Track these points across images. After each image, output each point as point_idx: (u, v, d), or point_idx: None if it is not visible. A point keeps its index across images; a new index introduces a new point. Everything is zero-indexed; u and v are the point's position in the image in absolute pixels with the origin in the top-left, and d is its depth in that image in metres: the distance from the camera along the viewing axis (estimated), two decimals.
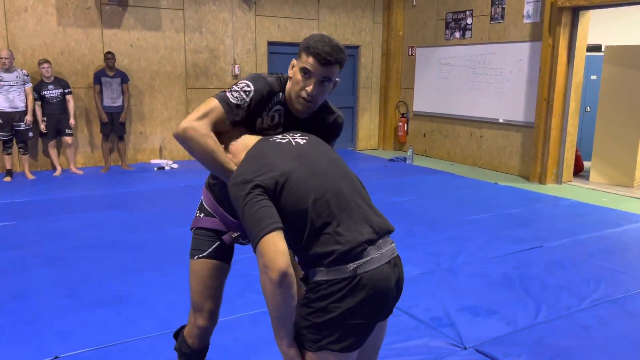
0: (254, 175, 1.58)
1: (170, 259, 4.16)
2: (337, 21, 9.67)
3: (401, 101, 10.21)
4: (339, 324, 1.55)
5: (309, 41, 1.76)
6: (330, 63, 1.74)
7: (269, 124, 1.89)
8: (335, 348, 1.56)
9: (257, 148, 1.73)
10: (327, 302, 1.54)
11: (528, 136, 7.85)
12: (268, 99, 1.85)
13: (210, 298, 2.06)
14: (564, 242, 4.78)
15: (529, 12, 7.69)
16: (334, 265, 1.53)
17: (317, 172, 1.63)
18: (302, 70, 1.76)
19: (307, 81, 1.77)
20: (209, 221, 2.05)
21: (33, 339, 2.94)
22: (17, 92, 6.80)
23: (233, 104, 1.79)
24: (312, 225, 1.56)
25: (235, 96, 1.80)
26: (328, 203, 1.58)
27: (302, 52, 1.77)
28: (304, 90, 1.78)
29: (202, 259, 2.04)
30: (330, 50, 1.73)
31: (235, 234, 2.01)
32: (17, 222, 5.12)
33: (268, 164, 1.61)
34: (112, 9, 7.76)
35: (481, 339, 3.00)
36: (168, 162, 8.13)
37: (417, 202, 6.17)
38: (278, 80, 1.89)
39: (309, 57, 1.74)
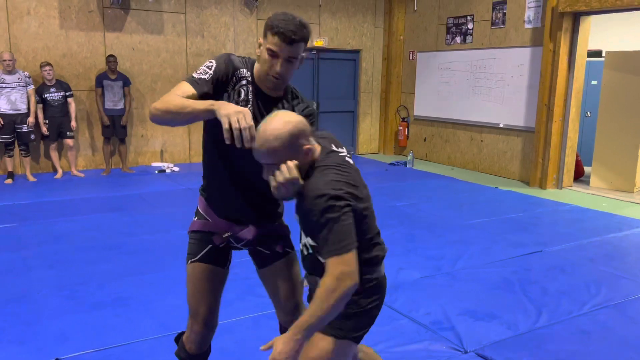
0: (345, 193, 1.67)
1: (170, 261, 4.16)
2: (339, 26, 9.70)
3: (402, 105, 10.22)
4: (362, 316, 1.82)
5: (272, 20, 1.79)
6: (295, 41, 1.77)
7: (235, 98, 1.90)
8: (354, 337, 1.82)
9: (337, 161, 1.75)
10: (358, 297, 1.77)
11: (528, 141, 7.86)
12: (232, 73, 1.89)
13: (204, 303, 2.04)
14: (565, 247, 4.78)
15: (530, 17, 7.71)
16: (374, 266, 1.82)
17: (367, 189, 1.84)
18: (269, 50, 1.79)
19: (274, 60, 1.79)
20: (201, 223, 2.06)
21: (34, 340, 2.94)
22: (19, 94, 6.81)
23: (196, 78, 1.85)
24: (367, 237, 1.79)
25: (199, 72, 1.87)
26: (374, 220, 1.85)
27: (267, 31, 1.79)
28: (272, 69, 1.81)
29: (194, 263, 2.04)
30: (295, 29, 1.76)
31: (226, 234, 2.01)
32: (18, 224, 5.12)
33: (354, 186, 1.73)
34: (114, 12, 7.78)
35: (482, 343, 3.00)
36: (169, 165, 8.14)
37: (418, 206, 6.18)
38: (243, 59, 1.94)
39: (274, 36, 1.77)
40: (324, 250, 1.64)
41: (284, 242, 2.13)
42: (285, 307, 2.16)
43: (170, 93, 1.80)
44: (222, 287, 2.13)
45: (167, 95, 1.79)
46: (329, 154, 1.77)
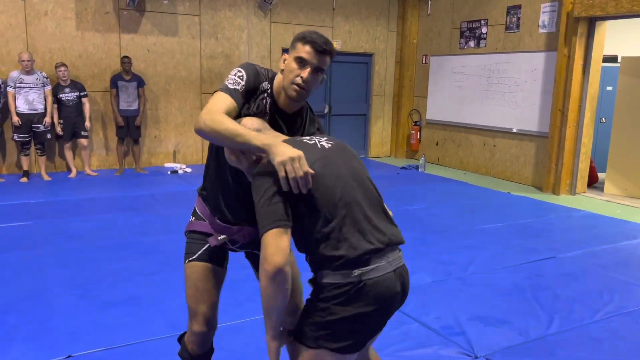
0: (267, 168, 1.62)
1: (181, 261, 4.17)
2: (352, 29, 9.71)
3: (414, 109, 10.20)
4: (339, 325, 1.60)
5: (303, 33, 1.85)
6: (325, 52, 1.82)
7: (254, 110, 1.92)
8: (331, 347, 1.62)
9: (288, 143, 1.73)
10: (329, 303, 1.60)
11: (542, 146, 7.80)
12: (258, 85, 1.91)
13: (203, 302, 2.04)
14: (577, 254, 4.74)
15: (545, 21, 7.66)
16: (340, 270, 1.58)
17: (337, 176, 1.66)
18: (298, 59, 1.82)
19: (303, 69, 1.82)
20: (199, 224, 2.09)
21: (46, 337, 2.97)
22: (36, 94, 6.91)
23: (232, 89, 1.85)
24: (324, 227, 1.59)
25: (231, 82, 1.86)
26: (342, 209, 1.61)
27: (297, 42, 1.84)
28: (299, 77, 1.82)
29: (192, 262, 2.05)
30: (325, 40, 1.83)
31: (221, 237, 2.02)
32: (32, 222, 5.19)
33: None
34: (130, 14, 7.86)
35: (492, 349, 2.99)
36: (181, 166, 8.20)
37: (429, 211, 6.16)
38: (265, 71, 1.96)
39: (306, 45, 1.81)
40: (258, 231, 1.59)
41: None
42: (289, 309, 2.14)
43: (216, 107, 1.76)
44: (220, 286, 2.12)
45: (214, 111, 1.74)
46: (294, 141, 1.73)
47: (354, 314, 1.58)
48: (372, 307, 1.60)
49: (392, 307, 1.67)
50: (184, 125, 8.55)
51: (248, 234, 2.04)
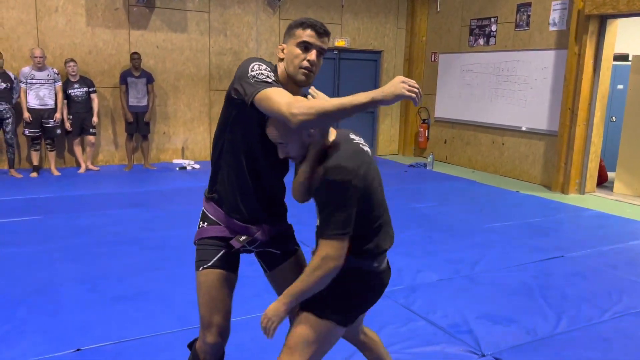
0: (356, 172, 1.72)
1: (190, 257, 4.17)
2: (361, 26, 9.69)
3: (423, 107, 10.17)
4: (348, 302, 1.87)
5: (299, 20, 1.88)
6: (325, 33, 1.87)
7: None
8: (335, 319, 1.85)
9: (350, 145, 1.81)
10: (347, 284, 1.84)
11: (551, 145, 7.76)
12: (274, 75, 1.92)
13: (218, 311, 1.99)
14: (586, 253, 4.71)
15: (555, 19, 7.61)
16: (365, 260, 1.86)
17: (380, 183, 1.89)
18: (302, 43, 1.84)
19: (307, 52, 1.84)
20: (214, 229, 2.02)
21: (56, 331, 3.00)
22: (47, 90, 6.96)
23: (273, 81, 1.79)
24: (368, 225, 1.82)
25: (266, 75, 1.79)
26: (381, 214, 1.88)
27: (296, 29, 1.86)
28: (305, 60, 1.84)
29: (207, 269, 1.99)
30: (321, 24, 1.89)
31: (243, 238, 1.98)
32: (42, 217, 5.23)
33: (365, 165, 1.78)
34: (140, 10, 7.89)
35: (500, 347, 2.98)
36: (190, 162, 8.23)
37: (437, 209, 6.14)
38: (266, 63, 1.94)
39: (307, 29, 1.85)
40: (321, 228, 1.73)
41: (293, 241, 2.16)
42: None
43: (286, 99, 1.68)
44: (233, 293, 2.09)
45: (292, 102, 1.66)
46: (347, 140, 1.84)
47: (365, 295, 1.90)
48: (378, 292, 1.94)
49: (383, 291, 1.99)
50: (193, 121, 8.58)
51: (268, 232, 2.04)
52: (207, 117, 8.66)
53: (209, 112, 8.65)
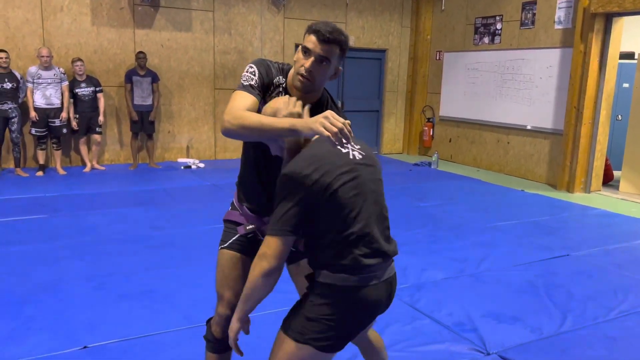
0: (306, 174, 1.63)
1: (195, 255, 4.23)
2: (365, 24, 9.68)
3: (427, 106, 10.16)
4: (328, 324, 1.69)
5: (312, 24, 1.85)
6: (329, 41, 1.77)
7: None
8: (316, 344, 1.69)
9: (318, 148, 1.72)
10: (323, 301, 1.69)
11: (556, 144, 7.74)
12: (269, 79, 1.91)
13: (229, 288, 2.09)
14: (592, 252, 4.70)
15: (561, 18, 7.59)
16: (340, 273, 1.68)
17: (359, 192, 1.71)
18: (303, 49, 1.82)
19: (306, 58, 1.81)
20: (233, 214, 2.15)
21: (63, 328, 3.02)
22: (54, 89, 6.99)
23: (247, 85, 1.86)
24: (336, 236, 1.68)
25: (245, 79, 1.88)
26: (357, 224, 1.69)
27: (306, 33, 1.84)
28: (302, 67, 1.81)
29: (223, 249, 2.12)
30: (331, 30, 1.79)
31: (250, 226, 2.08)
32: (48, 215, 5.26)
33: (324, 169, 1.65)
34: (144, 9, 7.91)
35: (505, 346, 2.98)
36: (195, 161, 8.25)
37: (442, 208, 6.14)
38: (278, 65, 1.96)
39: (310, 35, 1.81)
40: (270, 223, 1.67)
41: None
42: None
43: (235, 105, 1.79)
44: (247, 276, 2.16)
45: (234, 108, 1.77)
46: (318, 144, 1.72)
47: (344, 315, 1.69)
48: (362, 311, 1.72)
49: (377, 312, 1.79)
50: (197, 120, 8.60)
51: None
52: (212, 116, 8.68)
53: (214, 111, 8.67)
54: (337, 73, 1.89)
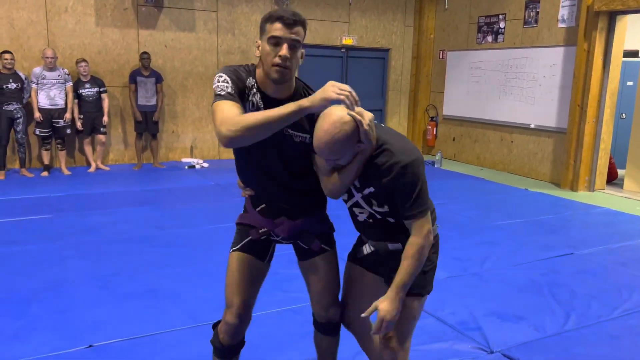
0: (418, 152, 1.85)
1: (199, 255, 4.25)
2: (368, 24, 9.68)
3: (431, 105, 10.16)
4: (434, 270, 2.02)
5: (268, 14, 1.83)
6: (296, 23, 1.78)
7: (250, 108, 1.90)
8: (429, 291, 2.02)
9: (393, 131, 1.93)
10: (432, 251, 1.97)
11: (560, 142, 7.72)
12: (241, 83, 1.87)
13: (238, 293, 2.06)
14: (596, 250, 4.69)
15: (564, 16, 7.57)
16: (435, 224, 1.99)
17: None
18: (272, 39, 1.78)
19: (278, 47, 1.78)
20: (244, 217, 2.13)
21: (68, 328, 3.04)
22: (58, 90, 7.02)
23: (226, 94, 1.82)
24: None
25: (220, 89, 1.82)
26: None
27: (265, 24, 1.81)
28: (276, 57, 1.78)
29: (234, 252, 2.10)
30: (293, 13, 1.79)
31: (262, 230, 2.06)
32: (53, 215, 5.29)
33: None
34: (148, 10, 7.94)
35: (508, 344, 2.98)
36: (199, 161, 8.27)
37: (445, 207, 6.13)
38: (245, 67, 1.93)
39: (275, 23, 1.78)
40: (411, 209, 1.80)
41: (322, 239, 2.12)
42: (321, 302, 2.17)
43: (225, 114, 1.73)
44: (259, 280, 2.14)
45: (226, 117, 1.72)
46: (382, 129, 1.87)
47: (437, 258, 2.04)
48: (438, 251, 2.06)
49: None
50: (201, 120, 8.62)
51: (288, 229, 2.06)
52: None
53: None
54: (302, 56, 1.88)
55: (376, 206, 1.91)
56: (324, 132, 1.73)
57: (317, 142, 1.76)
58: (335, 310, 2.18)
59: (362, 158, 1.82)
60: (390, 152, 1.79)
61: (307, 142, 1.95)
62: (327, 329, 2.23)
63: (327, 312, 2.17)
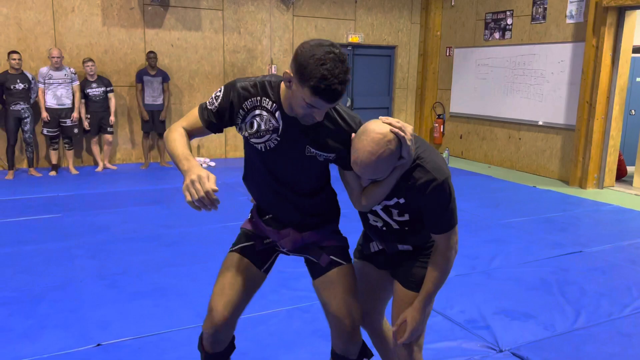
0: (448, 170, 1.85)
1: (207, 253, 4.25)
2: (374, 21, 9.65)
3: (438, 102, 10.12)
4: None
5: (312, 75, 1.54)
6: (338, 97, 1.60)
7: (249, 131, 1.80)
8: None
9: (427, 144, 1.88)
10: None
11: (568, 139, 7.67)
12: (240, 105, 1.78)
13: (222, 296, 1.91)
14: (605, 248, 4.66)
15: (572, 12, 7.51)
16: None
17: None
18: (308, 105, 1.62)
19: (314, 110, 1.64)
20: (248, 223, 2.06)
21: (76, 326, 3.05)
22: (64, 89, 7.05)
23: (204, 106, 1.82)
24: None
25: (210, 100, 1.83)
26: None
27: (305, 86, 1.57)
28: (311, 116, 1.67)
29: (233, 251, 2.01)
30: (341, 89, 1.57)
31: (266, 241, 1.99)
32: (61, 214, 5.31)
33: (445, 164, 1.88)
34: (154, 9, 7.95)
35: (517, 343, 2.96)
36: (205, 160, 8.28)
37: None
38: (263, 83, 1.78)
39: (315, 97, 1.57)
40: (441, 225, 1.81)
41: (335, 253, 1.94)
42: (339, 329, 1.90)
43: (181, 123, 1.84)
44: (252, 289, 1.99)
45: (176, 127, 1.82)
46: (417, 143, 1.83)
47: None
48: None
49: None
50: None
51: (292, 241, 1.95)
52: None
53: None
54: None
55: (396, 216, 1.88)
56: (369, 153, 1.65)
57: (360, 163, 1.68)
58: (354, 344, 1.91)
59: (399, 173, 1.76)
60: (425, 169, 1.76)
61: (331, 159, 1.83)
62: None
63: (346, 344, 1.90)
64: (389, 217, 1.90)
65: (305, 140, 1.78)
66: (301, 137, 1.78)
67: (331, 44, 1.59)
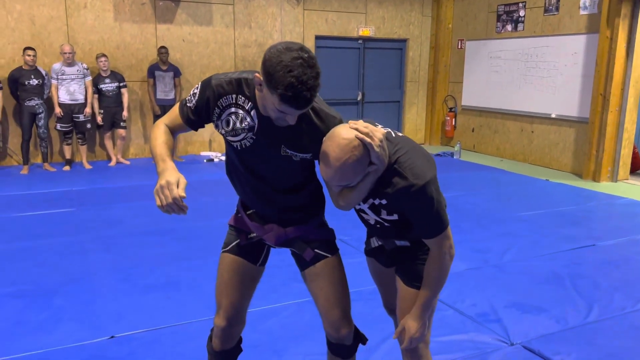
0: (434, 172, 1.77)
1: (218, 247, 4.21)
2: (385, 14, 9.61)
3: (449, 95, 10.06)
4: None
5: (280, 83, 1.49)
6: (308, 105, 1.56)
7: (225, 128, 1.79)
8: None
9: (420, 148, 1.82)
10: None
11: (582, 132, 7.59)
12: (215, 102, 1.76)
13: (227, 296, 1.97)
14: (619, 242, 4.61)
15: (586, 3, 7.41)
16: None
17: None
18: (277, 110, 1.59)
19: (286, 115, 1.61)
20: (235, 219, 2.05)
21: (91, 319, 3.09)
22: (77, 85, 7.11)
23: (184, 103, 1.83)
24: None
25: (188, 98, 1.83)
26: None
27: (274, 93, 1.53)
28: (283, 120, 1.65)
29: (224, 253, 2.02)
30: (310, 96, 1.52)
31: (251, 235, 1.99)
32: (75, 209, 5.37)
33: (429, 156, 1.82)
34: (165, 4, 7.98)
35: (529, 336, 2.95)
36: (217, 155, 8.32)
37: (465, 198, 6.08)
38: (236, 82, 1.74)
39: (284, 104, 1.54)
40: (428, 230, 1.74)
41: (321, 246, 1.94)
42: (329, 318, 1.95)
43: (166, 117, 1.88)
44: (252, 284, 2.02)
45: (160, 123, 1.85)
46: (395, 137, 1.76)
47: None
48: None
49: None
50: None
51: (276, 237, 1.94)
52: None
53: None
54: None
55: (385, 215, 1.83)
56: (333, 159, 1.59)
57: (326, 169, 1.63)
58: (347, 332, 1.95)
59: (373, 178, 1.69)
60: (402, 175, 1.67)
61: (309, 158, 1.81)
62: (339, 351, 2.02)
63: (338, 332, 1.95)
64: (377, 216, 1.84)
65: (280, 140, 1.75)
66: (277, 137, 1.74)
67: (300, 47, 1.53)
